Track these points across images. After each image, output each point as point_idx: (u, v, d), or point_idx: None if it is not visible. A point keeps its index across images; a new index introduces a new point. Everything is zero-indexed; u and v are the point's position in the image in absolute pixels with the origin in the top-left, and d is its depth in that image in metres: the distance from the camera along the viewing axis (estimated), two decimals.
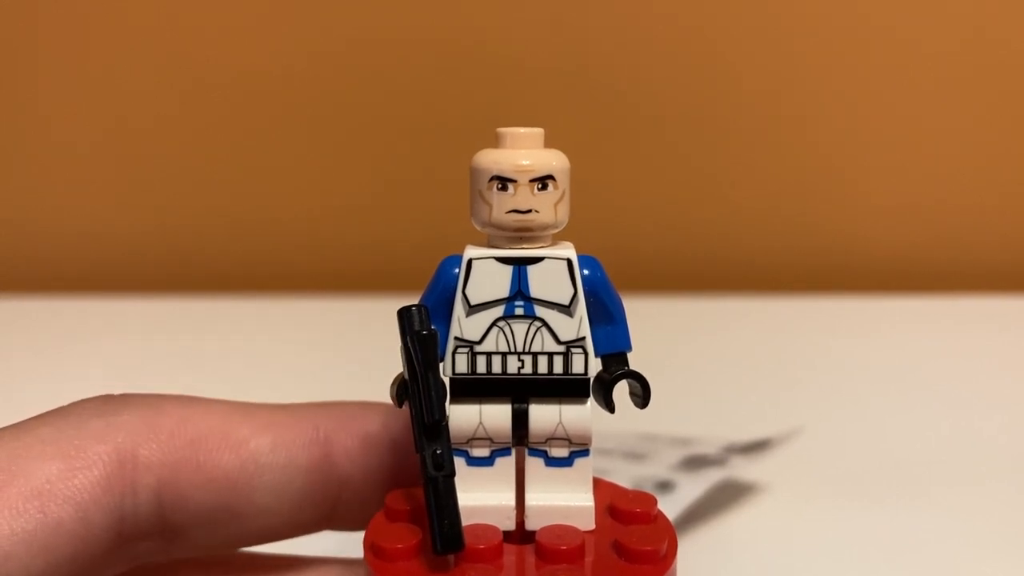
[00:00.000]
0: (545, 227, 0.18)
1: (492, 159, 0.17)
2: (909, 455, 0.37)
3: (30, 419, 0.18)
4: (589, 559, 0.17)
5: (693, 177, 0.64)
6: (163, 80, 0.63)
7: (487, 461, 0.18)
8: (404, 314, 0.17)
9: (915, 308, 0.58)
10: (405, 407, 0.17)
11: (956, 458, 0.37)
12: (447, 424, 0.17)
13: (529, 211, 0.17)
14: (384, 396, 0.21)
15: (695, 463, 0.33)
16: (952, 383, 0.45)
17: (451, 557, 0.17)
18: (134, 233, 0.65)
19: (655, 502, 0.18)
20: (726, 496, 0.33)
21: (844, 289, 0.62)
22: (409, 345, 0.17)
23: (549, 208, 0.17)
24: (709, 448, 0.34)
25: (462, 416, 0.18)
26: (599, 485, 0.19)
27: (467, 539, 0.17)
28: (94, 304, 0.59)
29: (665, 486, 0.31)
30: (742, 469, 0.34)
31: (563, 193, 0.17)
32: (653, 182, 0.63)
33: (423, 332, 0.17)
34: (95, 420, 0.18)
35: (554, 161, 0.17)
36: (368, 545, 0.17)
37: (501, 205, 0.17)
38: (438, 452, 0.17)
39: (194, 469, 0.18)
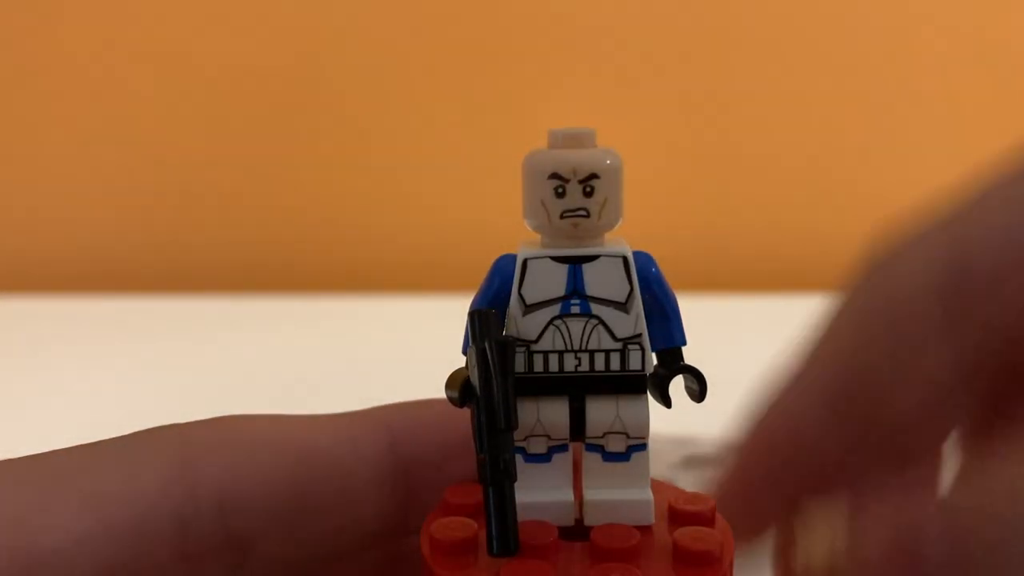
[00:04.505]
0: (597, 226, 0.18)
1: (546, 159, 0.17)
2: None
3: (91, 442, 0.18)
4: (644, 559, 0.17)
5: (694, 175, 0.64)
6: (159, 79, 0.64)
7: (544, 458, 0.18)
8: (478, 318, 0.17)
9: None
10: (466, 407, 0.17)
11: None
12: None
13: (580, 210, 0.17)
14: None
15: (695, 462, 0.33)
16: None
17: None
18: (133, 233, 0.67)
19: (714, 503, 0.18)
20: None
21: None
22: (487, 350, 0.17)
23: (600, 207, 0.17)
24: (709, 447, 0.34)
25: (520, 414, 0.18)
26: (656, 486, 0.19)
27: (523, 535, 0.17)
28: (94, 304, 0.60)
29: None
30: None
31: (614, 192, 0.17)
32: (654, 180, 0.63)
33: (502, 339, 0.17)
34: (157, 435, 0.18)
35: (603, 160, 0.17)
36: (425, 536, 0.18)
37: (557, 207, 0.17)
38: (504, 457, 0.17)
39: (255, 471, 0.18)
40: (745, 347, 0.50)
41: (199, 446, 0.18)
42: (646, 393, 0.18)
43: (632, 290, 0.18)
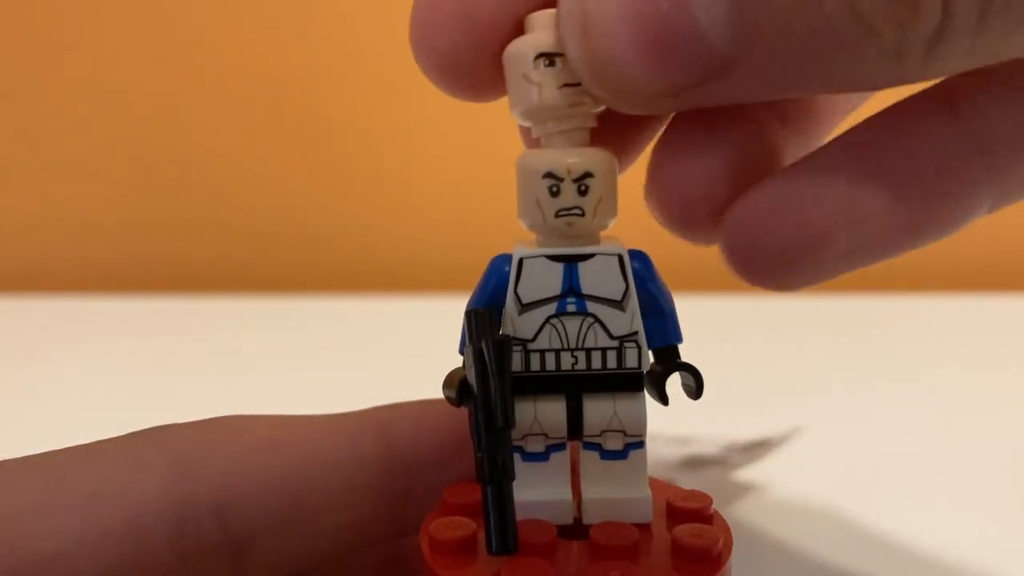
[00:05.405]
0: (592, 225, 0.18)
1: (540, 159, 0.17)
2: (911, 454, 0.36)
3: (89, 442, 0.18)
4: (643, 556, 0.17)
5: None
6: (160, 80, 0.64)
7: (542, 456, 0.18)
8: (475, 317, 0.17)
9: (916, 306, 0.57)
10: (463, 406, 0.17)
11: (959, 457, 0.36)
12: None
13: (575, 209, 0.17)
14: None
15: (695, 462, 0.33)
16: (954, 382, 0.44)
17: None
18: (133, 233, 0.67)
19: (711, 501, 0.18)
20: (726, 495, 0.32)
21: (844, 287, 0.61)
22: (483, 349, 0.17)
23: (594, 206, 0.17)
24: (709, 447, 0.34)
25: (517, 413, 0.18)
26: (655, 484, 0.19)
27: (522, 534, 0.17)
28: (94, 304, 0.60)
29: None
30: (742, 468, 0.33)
31: (608, 190, 0.17)
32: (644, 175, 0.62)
33: (499, 337, 0.17)
34: (155, 435, 0.18)
35: (597, 159, 0.17)
36: (425, 536, 0.18)
37: (552, 206, 0.17)
38: (502, 456, 0.17)
39: (255, 473, 0.18)
40: (744, 347, 0.50)
41: (197, 447, 0.18)
42: (643, 391, 0.18)
43: (628, 288, 0.18)
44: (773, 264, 0.17)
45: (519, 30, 0.17)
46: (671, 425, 0.33)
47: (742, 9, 0.14)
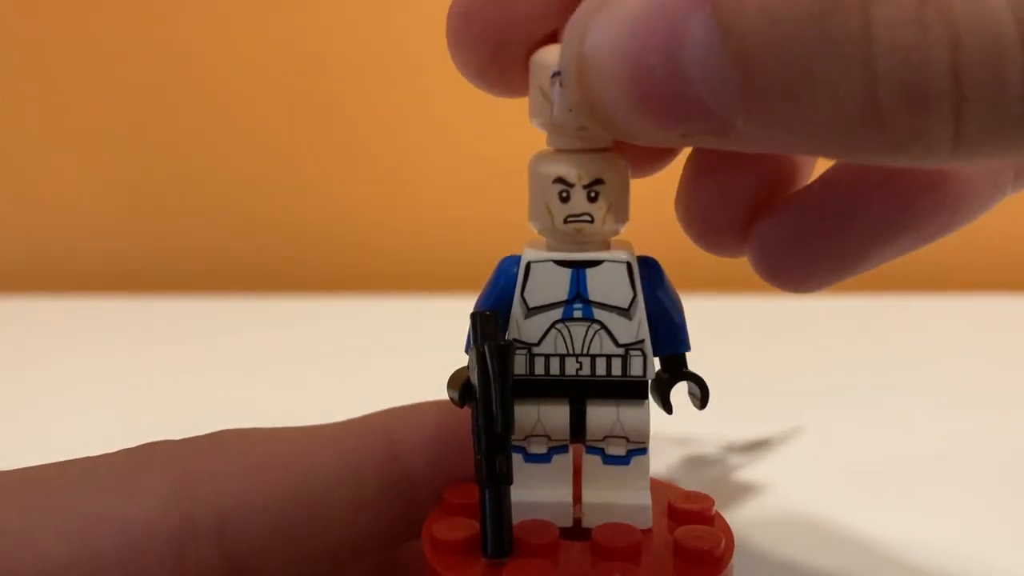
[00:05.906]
0: (602, 231, 0.18)
1: (551, 163, 0.17)
2: (913, 454, 0.36)
3: (81, 457, 0.18)
4: (645, 558, 0.17)
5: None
6: (159, 78, 0.64)
7: (544, 458, 0.18)
8: (480, 320, 0.17)
9: (917, 306, 0.57)
10: (466, 407, 0.18)
11: (959, 457, 0.36)
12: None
13: (584, 215, 0.17)
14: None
15: (695, 462, 0.33)
16: (956, 382, 0.44)
17: None
18: (132, 233, 0.66)
19: (713, 502, 0.18)
20: (727, 496, 0.32)
21: (844, 287, 0.60)
22: (486, 354, 0.16)
23: (604, 212, 0.17)
24: (709, 448, 0.34)
25: (520, 414, 0.18)
26: (656, 485, 0.19)
27: (524, 534, 0.17)
28: (94, 304, 0.60)
29: None
30: (742, 468, 0.34)
31: (619, 197, 0.17)
32: (657, 180, 0.62)
33: (502, 343, 0.17)
34: (152, 452, 0.18)
35: (609, 166, 0.17)
36: (426, 536, 0.18)
37: (561, 211, 0.17)
38: (500, 460, 0.17)
39: (256, 493, 0.18)
40: (744, 347, 0.50)
41: (196, 466, 0.18)
42: (647, 398, 0.18)
43: (635, 296, 0.18)
44: (804, 282, 0.17)
45: (554, 39, 0.17)
46: (672, 425, 0.33)
47: (743, 79, 0.13)
